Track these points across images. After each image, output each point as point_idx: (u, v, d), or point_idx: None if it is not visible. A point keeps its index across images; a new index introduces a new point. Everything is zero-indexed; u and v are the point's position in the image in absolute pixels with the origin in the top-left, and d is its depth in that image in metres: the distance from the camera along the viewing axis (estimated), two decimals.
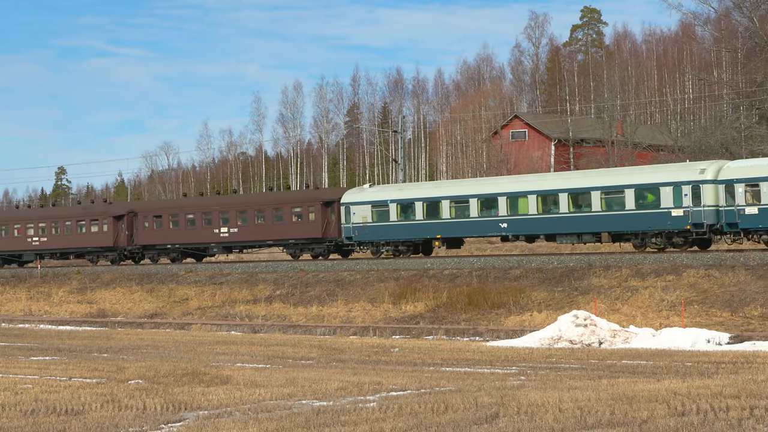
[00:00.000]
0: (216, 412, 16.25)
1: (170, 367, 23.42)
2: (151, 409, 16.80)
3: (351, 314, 39.68)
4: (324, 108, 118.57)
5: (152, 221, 55.53)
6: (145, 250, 56.44)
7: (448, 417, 15.03)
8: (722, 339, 28.77)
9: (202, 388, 19.52)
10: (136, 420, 15.68)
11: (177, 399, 17.78)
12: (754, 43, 78.16)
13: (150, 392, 18.95)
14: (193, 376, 21.61)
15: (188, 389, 19.42)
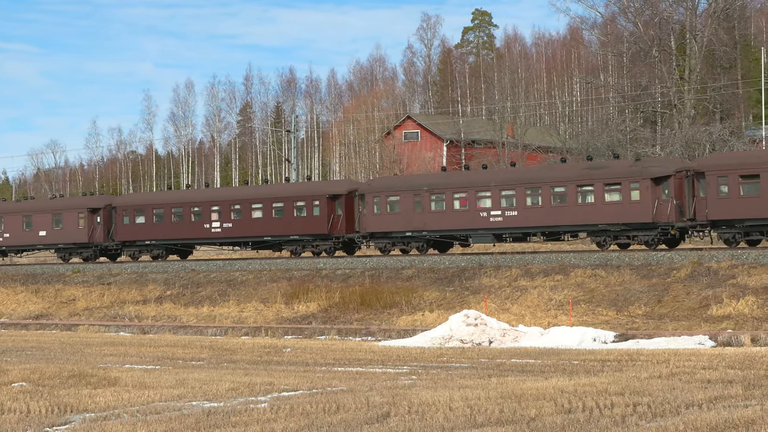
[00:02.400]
0: (103, 415, 15.96)
1: (56, 369, 22.90)
2: (35, 412, 16.40)
3: (243, 314, 39.41)
4: (216, 107, 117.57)
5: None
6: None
7: (340, 417, 15.03)
8: (608, 337, 29.41)
9: (89, 390, 19.14)
10: (19, 424, 15.29)
11: (63, 401, 17.40)
12: (639, 47, 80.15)
13: (34, 395, 18.50)
14: (80, 378, 21.18)
15: (74, 391, 19.02)
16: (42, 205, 56.30)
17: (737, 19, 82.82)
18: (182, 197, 52.00)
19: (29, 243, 54.67)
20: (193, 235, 49.28)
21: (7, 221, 55.03)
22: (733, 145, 61.67)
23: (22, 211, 55.16)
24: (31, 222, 54.24)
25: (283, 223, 46.70)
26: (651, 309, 32.23)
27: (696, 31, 77.40)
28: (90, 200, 53.88)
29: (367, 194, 44.38)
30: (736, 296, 31.31)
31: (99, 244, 52.37)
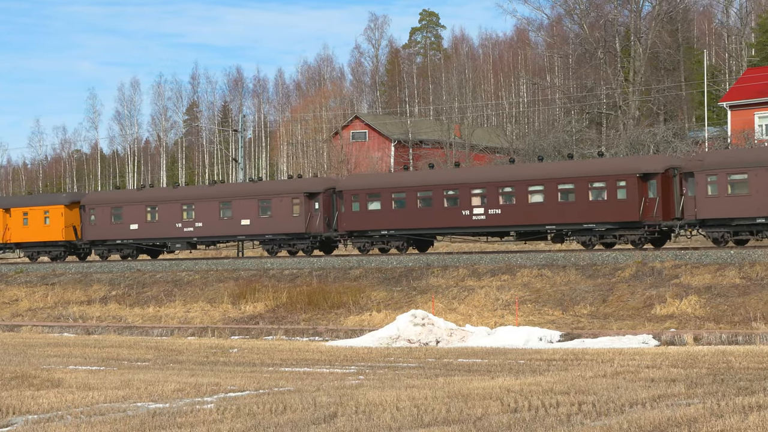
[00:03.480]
0: (46, 416, 15.76)
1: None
2: None
3: (189, 315, 39.16)
4: (162, 106, 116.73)
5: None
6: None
7: (287, 417, 14.99)
8: (553, 337, 29.63)
9: (32, 392, 18.89)
10: None
11: (4, 403, 17.16)
12: (584, 49, 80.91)
13: None
14: (22, 380, 20.90)
15: (17, 393, 18.76)
16: (245, 190, 48.06)
17: (680, 22, 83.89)
18: (431, 178, 43.28)
19: (228, 233, 47.07)
20: (446, 224, 41.49)
21: (200, 208, 47.49)
22: (676, 146, 62.43)
23: (218, 196, 47.40)
24: (230, 209, 46.68)
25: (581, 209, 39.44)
26: (596, 308, 32.53)
27: (640, 33, 78.31)
28: (307, 183, 46.58)
29: None
30: (680, 296, 31.71)
31: (318, 235, 44.71)
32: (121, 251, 49.93)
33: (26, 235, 51.95)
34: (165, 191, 50.90)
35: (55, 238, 51.05)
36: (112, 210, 49.77)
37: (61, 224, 50.83)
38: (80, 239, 50.69)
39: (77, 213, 50.80)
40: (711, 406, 14.52)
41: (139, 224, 48.82)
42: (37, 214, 51.71)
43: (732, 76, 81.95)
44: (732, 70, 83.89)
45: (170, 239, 48.37)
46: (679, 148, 61.45)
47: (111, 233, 49.76)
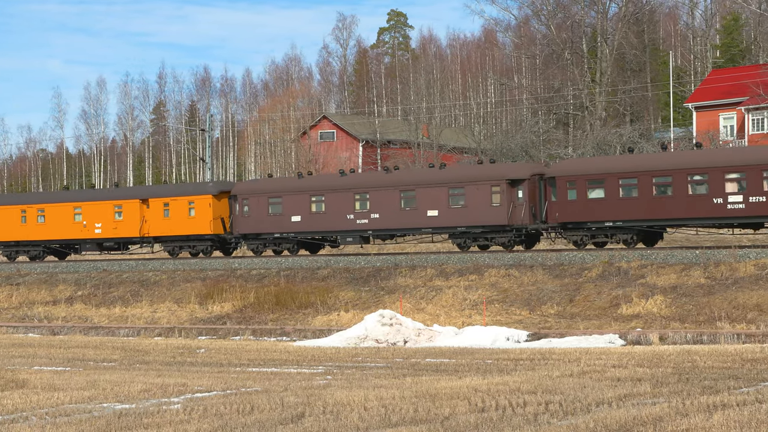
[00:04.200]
0: (11, 418, 15.63)
1: None
2: None
3: (156, 315, 38.97)
4: (129, 105, 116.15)
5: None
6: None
7: (254, 417, 14.95)
8: (521, 337, 29.74)
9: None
10: None
11: None
12: (552, 50, 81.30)
13: None
14: None
15: None
16: (433, 177, 42.39)
17: (646, 24, 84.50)
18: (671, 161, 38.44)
19: (410, 225, 42.06)
20: (689, 213, 36.89)
21: (377, 198, 42.55)
22: (643, 146, 62.84)
23: (399, 184, 42.55)
24: (414, 198, 41.85)
25: None
26: (563, 308, 32.69)
27: (607, 34, 78.75)
28: (509, 169, 42.02)
29: None
30: (645, 296, 31.92)
31: (522, 227, 40.15)
32: (278, 245, 45.09)
33: (167, 228, 46.84)
34: (333, 179, 44.85)
35: (201, 231, 46.09)
36: (270, 200, 44.60)
37: (208, 216, 45.66)
38: (229, 232, 45.68)
39: (226, 204, 45.96)
40: (676, 405, 14.62)
41: (303, 216, 43.65)
42: (180, 205, 46.58)
43: (697, 78, 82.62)
44: (697, 72, 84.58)
45: (340, 232, 43.10)
46: (646, 149, 61.85)
47: (267, 226, 44.53)
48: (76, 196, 50.86)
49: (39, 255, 50.36)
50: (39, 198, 55.03)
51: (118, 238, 47.86)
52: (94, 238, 48.28)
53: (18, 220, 50.44)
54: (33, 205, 50.56)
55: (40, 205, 50.42)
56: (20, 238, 50.36)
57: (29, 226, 50.09)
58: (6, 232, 50.77)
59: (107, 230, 48.03)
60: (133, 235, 47.43)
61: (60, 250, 50.51)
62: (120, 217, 47.81)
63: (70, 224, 48.83)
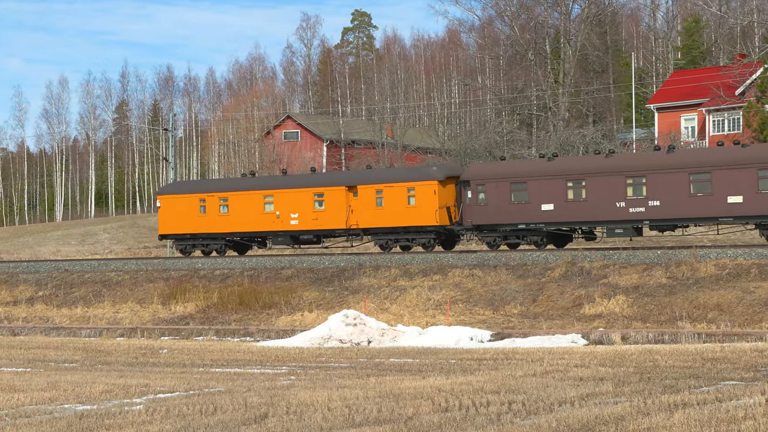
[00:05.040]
0: None
1: None
2: None
3: (118, 315, 38.72)
4: (91, 104, 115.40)
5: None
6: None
7: (217, 418, 14.89)
8: (484, 336, 29.83)
9: None
10: None
11: None
12: (515, 51, 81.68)
13: None
14: None
15: None
16: (733, 156, 36.57)
17: (609, 25, 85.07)
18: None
19: (703, 214, 36.61)
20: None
21: (656, 182, 37.05)
22: (605, 147, 63.26)
23: (686, 166, 36.86)
24: (708, 182, 36.12)
25: None
26: (526, 308, 32.83)
27: (570, 35, 79.21)
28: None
29: None
30: (608, 295, 32.13)
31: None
32: (521, 238, 39.39)
33: (380, 218, 41.58)
34: (596, 161, 39.17)
35: (423, 222, 40.82)
36: (512, 186, 39.30)
37: (433, 205, 40.39)
38: (457, 223, 40.49)
39: (451, 190, 40.82)
40: (638, 404, 14.73)
41: (556, 204, 38.38)
42: (396, 192, 41.28)
43: (659, 79, 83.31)
44: (659, 73, 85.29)
45: (606, 223, 37.99)
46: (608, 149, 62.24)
47: (509, 216, 39.27)
48: (267, 183, 45.42)
49: (220, 249, 45.23)
50: (222, 185, 47.44)
51: (318, 230, 42.80)
52: (288, 231, 43.15)
53: (196, 210, 45.07)
54: (214, 194, 45.04)
55: (224, 194, 44.84)
56: (198, 231, 45.09)
57: (209, 217, 44.78)
58: (180, 224, 45.43)
59: (305, 221, 42.89)
60: (337, 226, 42.37)
61: (243, 243, 45.71)
62: (321, 206, 42.69)
63: (259, 215, 43.77)
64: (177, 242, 46.19)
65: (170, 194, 46.56)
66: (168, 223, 45.81)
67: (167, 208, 45.89)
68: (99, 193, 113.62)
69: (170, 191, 47.23)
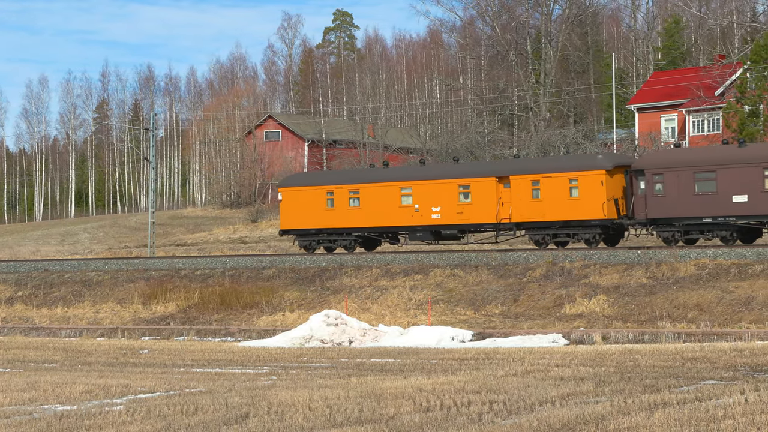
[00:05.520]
0: None
1: None
2: None
3: (99, 315, 38.57)
4: (71, 103, 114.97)
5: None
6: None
7: (198, 418, 14.85)
8: (465, 336, 29.86)
9: None
10: None
11: None
12: (497, 51, 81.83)
13: None
14: None
15: None
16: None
17: (590, 26, 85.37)
18: None
19: None
20: None
21: None
22: (586, 148, 63.42)
23: None
24: None
25: None
26: (507, 308, 32.89)
27: (551, 36, 79.42)
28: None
29: None
30: (589, 295, 32.23)
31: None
32: (706, 233, 36.39)
33: (536, 212, 38.29)
34: None
35: (588, 215, 37.47)
36: (696, 175, 35.91)
37: (600, 196, 37.14)
38: (626, 216, 37.38)
39: (620, 181, 37.66)
40: (618, 403, 14.77)
41: (751, 195, 34.96)
42: (556, 183, 37.88)
43: (639, 79, 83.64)
44: (639, 74, 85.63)
45: None
46: (588, 150, 62.42)
47: (692, 208, 36.00)
48: (405, 174, 42.29)
49: (349, 245, 42.03)
50: (352, 176, 44.22)
51: (462, 224, 39.72)
52: (428, 225, 40.09)
53: (322, 203, 42.04)
54: (343, 186, 41.92)
55: (354, 186, 41.74)
56: (324, 226, 42.03)
57: (338, 210, 41.77)
58: (305, 219, 42.37)
59: (448, 215, 39.77)
60: (486, 220, 39.21)
61: (373, 239, 42.50)
62: (467, 198, 39.50)
63: (395, 208, 40.64)
64: (300, 238, 42.83)
65: (293, 187, 43.28)
66: (290, 217, 42.65)
67: (289, 202, 42.71)
68: (79, 193, 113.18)
69: (293, 183, 43.95)
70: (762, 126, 54.58)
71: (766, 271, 31.42)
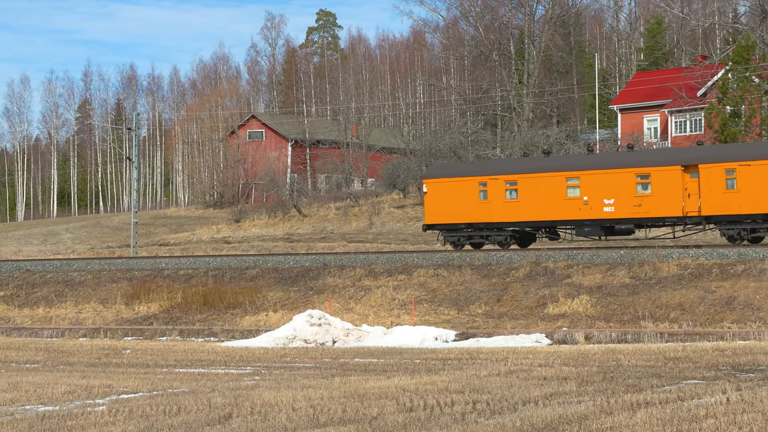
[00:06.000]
0: None
1: None
2: None
3: (81, 316, 38.43)
4: (53, 103, 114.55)
5: None
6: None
7: (181, 419, 14.82)
8: (449, 336, 29.89)
9: None
10: None
11: None
12: (480, 51, 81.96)
13: None
14: None
15: None
16: None
17: (572, 26, 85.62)
18: None
19: None
20: None
21: None
22: (569, 148, 63.58)
23: None
24: None
25: None
26: (491, 308, 32.93)
27: (534, 36, 79.58)
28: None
29: None
30: (572, 295, 32.30)
31: None
32: None
33: (733, 204, 34.73)
34: None
35: None
36: None
37: None
38: None
39: None
40: (601, 403, 14.81)
41: None
42: (758, 172, 34.32)
43: (622, 80, 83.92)
44: (622, 74, 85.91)
45: None
46: (572, 150, 62.57)
47: None
48: (571, 164, 39.06)
49: (504, 241, 38.77)
50: (508, 167, 40.77)
51: (641, 218, 36.49)
52: (599, 219, 36.92)
53: (474, 196, 38.98)
54: (499, 177, 38.85)
55: (511, 176, 38.66)
56: (475, 220, 38.87)
57: (492, 203, 38.65)
58: (453, 212, 39.34)
59: (624, 208, 36.55)
60: (670, 214, 35.93)
61: (530, 234, 39.42)
62: (646, 189, 36.23)
63: (559, 201, 37.53)
64: (447, 233, 39.66)
65: (439, 178, 40.39)
66: (436, 211, 39.68)
67: (435, 194, 39.79)
68: (61, 193, 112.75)
69: (439, 174, 41.12)
70: (743, 126, 54.85)
71: (747, 271, 31.58)
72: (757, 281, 30.85)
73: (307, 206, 70.53)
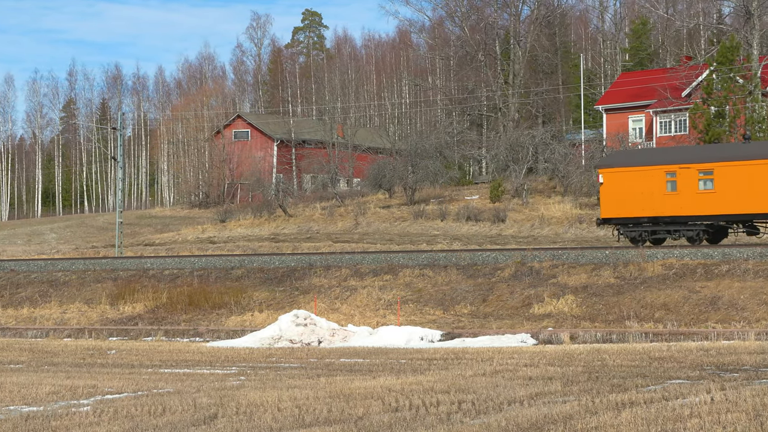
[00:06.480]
0: None
1: None
2: None
3: (65, 316, 38.31)
4: (38, 102, 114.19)
5: None
6: None
7: (166, 419, 14.79)
8: (434, 336, 29.91)
9: None
10: None
11: None
12: (466, 51, 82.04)
13: None
14: None
15: None
16: None
17: (558, 26, 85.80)
18: None
19: None
20: None
21: None
22: (554, 148, 63.68)
23: None
24: None
25: None
26: (476, 308, 32.97)
27: (519, 36, 79.71)
28: None
29: None
30: (557, 295, 32.36)
31: None
32: None
33: None
34: None
35: None
36: None
37: None
38: None
39: None
40: (586, 403, 14.85)
41: None
42: None
43: (607, 80, 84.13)
44: (607, 75, 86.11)
45: None
46: (557, 151, 62.67)
47: None
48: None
49: (695, 237, 35.90)
50: (702, 154, 37.12)
51: None
52: None
53: (659, 186, 35.98)
54: (691, 166, 35.53)
55: (706, 165, 35.31)
56: (661, 213, 35.91)
57: (682, 195, 35.51)
58: (634, 205, 36.42)
59: None
60: None
61: (724, 228, 36.44)
62: None
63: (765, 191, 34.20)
64: (627, 228, 36.80)
65: (617, 167, 37.22)
66: (614, 203, 36.65)
67: (613, 185, 36.70)
68: (46, 193, 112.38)
69: (617, 163, 37.86)
70: (728, 127, 55.05)
71: (731, 271, 31.70)
72: (741, 281, 30.98)
73: (293, 206, 70.48)
